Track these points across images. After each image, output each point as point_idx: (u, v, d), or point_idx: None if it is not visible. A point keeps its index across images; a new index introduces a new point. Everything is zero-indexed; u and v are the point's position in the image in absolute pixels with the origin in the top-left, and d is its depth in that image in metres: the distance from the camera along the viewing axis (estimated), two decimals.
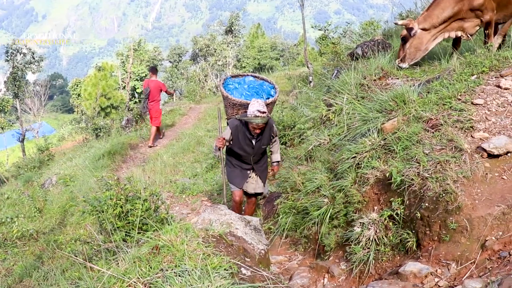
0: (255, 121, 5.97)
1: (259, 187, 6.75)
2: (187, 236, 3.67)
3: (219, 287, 2.98)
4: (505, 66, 5.94)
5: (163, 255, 3.41)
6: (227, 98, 6.48)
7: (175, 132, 16.12)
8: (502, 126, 4.93)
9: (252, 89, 6.75)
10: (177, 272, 3.15)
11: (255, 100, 6.09)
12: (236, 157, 6.61)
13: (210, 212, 4.68)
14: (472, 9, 7.35)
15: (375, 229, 4.85)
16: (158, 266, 3.28)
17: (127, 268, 3.29)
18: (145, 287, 3.10)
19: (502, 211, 4.09)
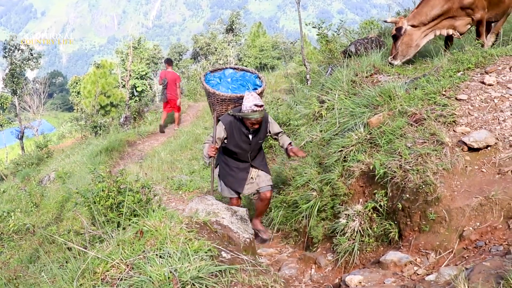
0: (253, 116, 5.58)
1: (263, 180, 6.21)
2: (171, 222, 3.80)
3: (198, 267, 3.11)
4: (491, 63, 6.07)
5: (146, 239, 3.55)
6: (214, 95, 6.05)
7: (173, 130, 16.24)
8: (484, 121, 5.06)
9: (235, 82, 6.40)
10: (159, 254, 3.29)
11: (249, 94, 5.69)
12: (232, 156, 6.12)
13: (198, 202, 4.80)
14: (463, 8, 7.45)
15: (360, 220, 5.00)
16: (141, 248, 3.42)
17: (112, 251, 3.43)
18: (128, 267, 3.24)
19: (479, 203, 4.22)
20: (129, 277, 3.15)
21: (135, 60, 37.16)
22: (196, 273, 3.09)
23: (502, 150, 4.64)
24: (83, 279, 3.27)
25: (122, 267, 3.27)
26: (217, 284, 3.13)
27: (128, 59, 34.57)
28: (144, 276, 3.11)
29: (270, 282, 3.33)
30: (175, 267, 3.13)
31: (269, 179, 6.27)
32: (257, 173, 6.23)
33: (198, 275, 3.09)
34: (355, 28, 14.44)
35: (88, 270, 3.31)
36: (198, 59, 39.69)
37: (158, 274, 3.08)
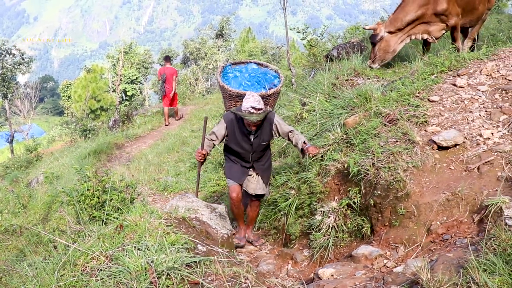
0: (249, 118, 5.29)
1: (259, 188, 6.03)
2: (150, 217, 3.96)
3: (174, 259, 3.27)
4: (463, 66, 6.30)
5: (126, 233, 3.71)
6: (223, 88, 5.88)
7: (161, 133, 16.38)
8: (454, 121, 5.27)
9: (253, 78, 6.10)
10: (137, 247, 3.45)
11: (250, 94, 5.39)
12: (234, 154, 5.92)
13: (178, 200, 4.97)
14: (437, 14, 7.71)
15: (334, 217, 5.19)
16: (120, 241, 3.58)
17: (92, 244, 3.59)
18: (107, 259, 3.40)
19: (447, 198, 4.42)
20: (108, 268, 3.30)
21: (126, 65, 37.27)
22: (172, 264, 3.25)
23: (470, 148, 4.85)
24: (64, 271, 3.42)
25: (101, 259, 3.42)
26: (192, 274, 3.29)
27: (119, 63, 34.68)
28: (122, 267, 3.26)
29: (242, 272, 3.48)
30: (152, 258, 3.29)
31: (264, 188, 6.08)
32: (257, 178, 6.03)
33: (174, 265, 3.25)
34: (341, 33, 14.69)
35: (69, 262, 3.45)
36: (188, 64, 39.76)
37: (136, 265, 3.23)
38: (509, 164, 4.44)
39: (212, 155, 10.89)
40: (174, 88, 16.98)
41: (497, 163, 4.52)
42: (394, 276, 3.79)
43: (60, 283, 3.25)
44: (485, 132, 4.95)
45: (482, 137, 4.91)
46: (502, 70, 5.89)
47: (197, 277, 3.24)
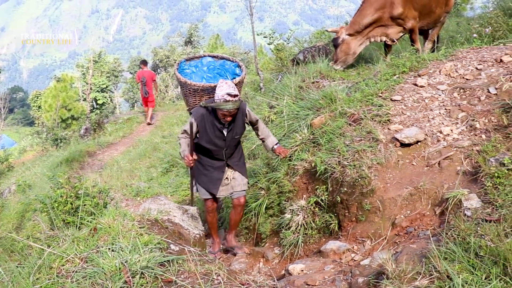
0: (225, 106, 4.92)
1: (239, 184, 5.64)
2: (123, 220, 4.05)
3: (147, 258, 3.37)
4: (423, 67, 6.53)
5: (100, 235, 3.80)
6: (185, 84, 5.50)
7: (132, 139, 16.43)
8: (415, 119, 5.48)
9: (213, 71, 5.82)
10: (111, 248, 3.54)
11: (223, 82, 5.04)
12: (206, 153, 5.48)
13: (151, 202, 5.07)
14: (393, 18, 7.99)
15: (303, 215, 5.35)
16: (94, 244, 3.66)
17: (67, 247, 3.66)
18: (82, 261, 3.47)
19: (410, 193, 4.61)
20: (83, 270, 3.38)
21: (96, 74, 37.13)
22: (146, 263, 3.35)
23: (431, 144, 5.05)
24: (40, 274, 3.48)
25: (76, 261, 3.49)
26: (165, 272, 3.39)
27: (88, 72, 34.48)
28: (97, 268, 3.35)
29: (215, 270, 3.60)
30: (126, 258, 3.38)
31: (245, 183, 5.71)
32: (233, 175, 5.65)
33: (148, 265, 3.34)
34: (307, 38, 14.92)
35: (45, 266, 3.52)
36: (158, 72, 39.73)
37: (110, 265, 3.32)
38: (467, 158, 4.64)
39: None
40: (152, 90, 17.98)
41: (456, 158, 4.73)
42: (361, 269, 3.95)
43: (36, 286, 3.31)
44: (445, 129, 5.15)
45: (442, 133, 5.12)
46: (460, 70, 6.12)
47: (170, 276, 3.34)
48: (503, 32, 7.61)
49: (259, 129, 5.62)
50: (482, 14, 10.76)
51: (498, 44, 6.87)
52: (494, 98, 5.28)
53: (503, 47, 6.58)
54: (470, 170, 4.49)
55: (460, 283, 2.70)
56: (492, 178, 4.03)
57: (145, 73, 17.92)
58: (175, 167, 11.72)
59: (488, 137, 4.78)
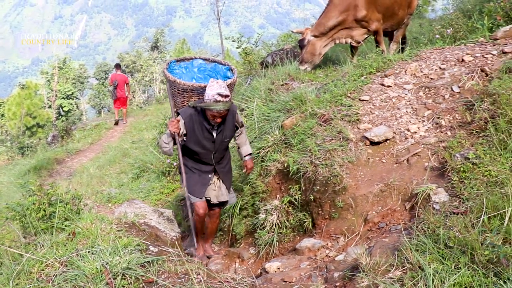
0: (215, 107, 4.68)
1: (222, 195, 5.41)
2: (101, 223, 4.09)
3: (128, 260, 3.43)
4: (389, 67, 6.72)
5: (78, 239, 3.83)
6: (174, 83, 5.15)
7: (101, 146, 16.33)
8: (383, 118, 5.64)
9: (203, 72, 5.52)
10: (91, 251, 3.58)
11: (214, 81, 4.81)
12: (193, 157, 5.21)
13: (126, 206, 5.11)
14: (357, 20, 8.19)
15: (277, 214, 5.45)
16: (73, 247, 3.69)
17: (46, 252, 3.68)
18: (62, 265, 3.50)
19: (380, 189, 4.76)
20: (64, 273, 3.40)
21: (61, 80, 36.64)
22: (126, 264, 3.40)
23: (399, 142, 5.22)
24: (19, 279, 3.50)
25: (56, 265, 3.52)
26: (146, 273, 3.45)
27: (53, 79, 34.05)
28: (78, 271, 3.38)
29: (194, 269, 3.67)
30: (106, 261, 3.42)
31: (227, 194, 5.47)
32: (219, 184, 5.41)
33: (128, 266, 3.40)
34: (274, 41, 15.09)
35: (24, 271, 3.53)
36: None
37: (91, 268, 3.35)
38: (434, 155, 4.82)
39: (154, 164, 10.97)
40: (126, 93, 18.71)
41: (424, 154, 4.90)
42: (336, 264, 4.08)
43: None
44: (412, 126, 5.33)
45: (410, 131, 5.30)
46: (424, 70, 6.31)
47: (151, 276, 3.40)
48: (464, 33, 7.86)
49: (240, 134, 5.48)
50: (443, 16, 11.08)
51: (460, 44, 7.11)
52: (457, 96, 5.49)
53: (464, 47, 6.81)
54: (437, 165, 4.66)
55: (431, 272, 2.83)
56: (458, 172, 4.19)
57: (118, 76, 18.73)
58: (146, 172, 11.68)
59: (453, 133, 4.97)
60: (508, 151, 4.07)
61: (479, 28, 7.49)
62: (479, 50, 6.36)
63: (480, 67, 5.69)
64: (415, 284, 2.86)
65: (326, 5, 8.59)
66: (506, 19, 7.36)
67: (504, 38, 6.60)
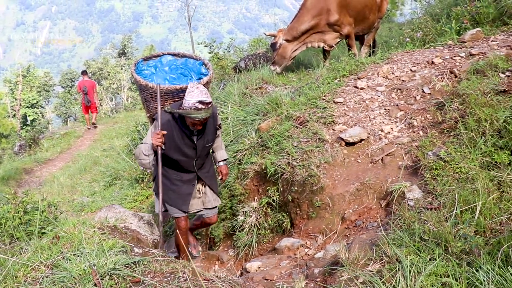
0: (196, 115, 4.32)
1: (209, 201, 5.08)
2: (84, 227, 4.11)
3: (114, 261, 3.46)
4: (362, 70, 6.89)
5: (63, 243, 3.85)
6: (146, 88, 4.70)
7: (71, 154, 16.17)
8: (358, 119, 5.79)
9: (175, 70, 5.10)
10: (77, 254, 3.60)
11: (194, 86, 4.40)
12: (174, 166, 4.78)
13: (106, 211, 5.14)
14: (330, 24, 8.36)
15: (256, 216, 5.54)
16: (59, 250, 3.71)
17: (30, 256, 3.69)
18: (48, 268, 3.52)
19: (356, 188, 4.89)
20: (51, 276, 3.42)
21: (25, 89, 36.08)
22: (113, 265, 3.43)
23: (373, 142, 5.37)
24: (5, 283, 3.50)
25: (42, 269, 3.52)
26: (133, 273, 3.49)
27: (17, 88, 33.51)
28: (65, 273, 3.40)
29: (180, 268, 3.72)
30: (93, 262, 3.45)
31: (215, 198, 5.17)
32: (205, 189, 5.07)
33: (115, 267, 3.43)
34: (245, 46, 15.21)
35: (10, 275, 3.53)
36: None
37: (78, 269, 3.38)
38: (407, 154, 4.97)
39: (127, 171, 10.95)
40: (96, 99, 19.11)
41: (398, 154, 5.06)
42: (316, 261, 4.18)
43: None
44: (386, 127, 5.49)
45: (383, 132, 5.45)
46: (396, 72, 6.50)
47: (138, 276, 3.44)
48: (433, 36, 8.09)
49: (217, 137, 5.09)
50: (412, 19, 11.34)
51: (429, 47, 7.33)
52: (428, 97, 5.68)
53: (433, 50, 7.03)
54: (411, 164, 4.81)
55: (408, 264, 2.94)
56: (431, 170, 4.34)
57: (86, 82, 18.90)
58: (118, 179, 11.64)
59: (425, 133, 5.14)
60: (478, 149, 4.22)
61: (447, 31, 7.72)
62: (448, 53, 6.58)
63: (449, 69, 5.88)
64: (393, 275, 2.97)
65: (298, 9, 8.73)
66: (473, 23, 7.61)
67: (471, 40, 6.84)
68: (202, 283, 3.41)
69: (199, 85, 4.43)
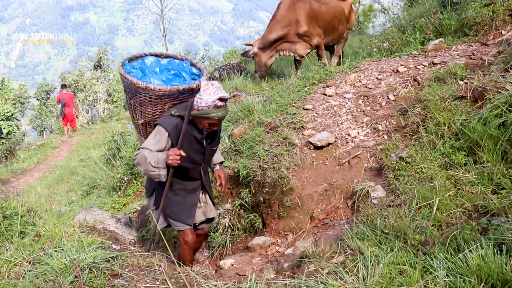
0: (216, 114, 3.90)
1: (211, 210, 4.65)
2: (64, 227, 4.30)
3: (93, 256, 3.66)
4: (331, 78, 7.21)
5: (44, 241, 4.03)
6: (146, 90, 4.19)
7: (48, 165, 16.18)
8: (326, 125, 6.08)
9: (167, 72, 4.63)
10: (58, 250, 3.79)
11: (209, 84, 3.92)
12: (179, 175, 4.21)
13: (84, 214, 5.30)
14: (299, 35, 8.68)
15: (229, 217, 5.75)
16: (40, 247, 3.89)
17: (13, 253, 3.86)
18: (30, 264, 3.70)
19: (324, 189, 5.17)
20: (33, 270, 3.60)
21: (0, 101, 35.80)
22: (92, 260, 3.62)
23: (341, 146, 5.66)
24: None
25: (25, 264, 3.70)
26: (111, 267, 3.69)
27: None
28: (46, 267, 3.58)
29: (156, 262, 3.92)
30: (73, 257, 3.64)
31: (212, 208, 4.70)
32: (205, 198, 4.62)
33: (94, 261, 3.62)
34: (220, 58, 15.48)
35: None
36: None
37: (59, 264, 3.56)
38: (373, 156, 5.27)
39: (105, 180, 11.06)
40: (74, 110, 19.89)
41: (363, 156, 5.35)
42: (286, 257, 4.44)
43: None
44: (352, 132, 5.79)
45: (350, 136, 5.75)
46: (363, 80, 6.82)
47: (116, 269, 3.64)
48: (399, 46, 8.46)
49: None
50: (382, 31, 11.74)
51: (395, 57, 7.69)
52: (393, 103, 6.00)
53: (399, 59, 7.38)
54: (375, 166, 5.11)
55: (369, 255, 3.19)
56: (394, 171, 4.63)
57: (65, 95, 20.10)
58: (96, 188, 11.72)
59: (389, 137, 5.45)
60: (437, 150, 4.52)
61: (412, 42, 8.09)
62: (412, 62, 6.92)
63: (413, 77, 6.22)
64: (356, 265, 3.21)
65: (270, 20, 9.05)
66: (436, 34, 7.99)
67: (434, 50, 7.21)
68: (177, 275, 3.61)
69: (213, 81, 3.97)
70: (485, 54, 6.21)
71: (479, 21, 7.16)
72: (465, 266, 2.74)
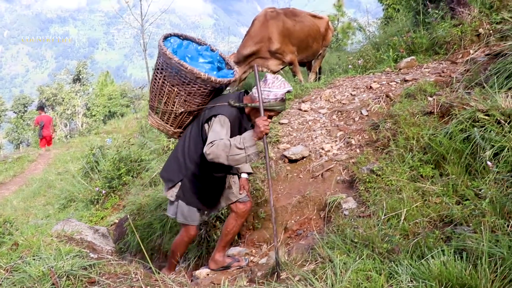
0: (282, 107, 4.04)
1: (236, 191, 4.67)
2: (42, 236, 4.38)
3: (71, 263, 3.75)
4: (306, 94, 7.40)
5: (21, 250, 4.11)
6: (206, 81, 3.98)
7: (25, 178, 16.11)
8: (301, 139, 6.25)
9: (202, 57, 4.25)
10: (36, 258, 3.87)
11: (274, 77, 4.00)
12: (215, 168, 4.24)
13: (62, 224, 5.35)
14: (271, 52, 8.82)
15: (205, 229, 5.86)
16: (18, 256, 3.96)
17: None
18: (7, 272, 3.77)
19: (298, 201, 5.31)
20: (11, 278, 3.67)
21: None
22: (70, 267, 3.70)
23: (314, 159, 5.82)
24: None
25: (2, 272, 3.77)
26: (89, 274, 3.78)
27: None
28: (24, 274, 3.66)
29: (132, 270, 4.02)
30: (51, 265, 3.72)
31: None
32: (233, 179, 4.68)
33: (72, 269, 3.71)
34: None
35: None
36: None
37: (37, 271, 3.64)
38: (345, 169, 5.44)
39: (82, 193, 11.07)
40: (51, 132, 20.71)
41: (336, 169, 5.52)
42: (259, 267, 4.56)
43: None
44: (326, 146, 5.96)
45: (324, 150, 5.92)
46: (337, 96, 7.02)
47: (93, 277, 3.73)
48: (373, 63, 8.70)
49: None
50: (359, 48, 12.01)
51: (369, 73, 7.92)
52: (366, 118, 6.19)
53: (372, 76, 7.62)
54: (348, 178, 5.27)
55: (339, 263, 3.33)
56: (365, 183, 4.78)
57: (44, 117, 20.92)
58: (73, 201, 11.69)
59: (361, 151, 5.62)
60: (406, 163, 4.69)
61: (385, 59, 8.33)
62: (385, 78, 7.15)
63: (385, 93, 6.43)
64: (325, 273, 3.34)
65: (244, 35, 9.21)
66: (408, 51, 8.24)
67: (406, 67, 7.45)
68: (153, 283, 3.72)
69: (276, 75, 4.04)
70: (453, 72, 6.44)
71: (449, 40, 7.40)
72: (427, 272, 2.88)
